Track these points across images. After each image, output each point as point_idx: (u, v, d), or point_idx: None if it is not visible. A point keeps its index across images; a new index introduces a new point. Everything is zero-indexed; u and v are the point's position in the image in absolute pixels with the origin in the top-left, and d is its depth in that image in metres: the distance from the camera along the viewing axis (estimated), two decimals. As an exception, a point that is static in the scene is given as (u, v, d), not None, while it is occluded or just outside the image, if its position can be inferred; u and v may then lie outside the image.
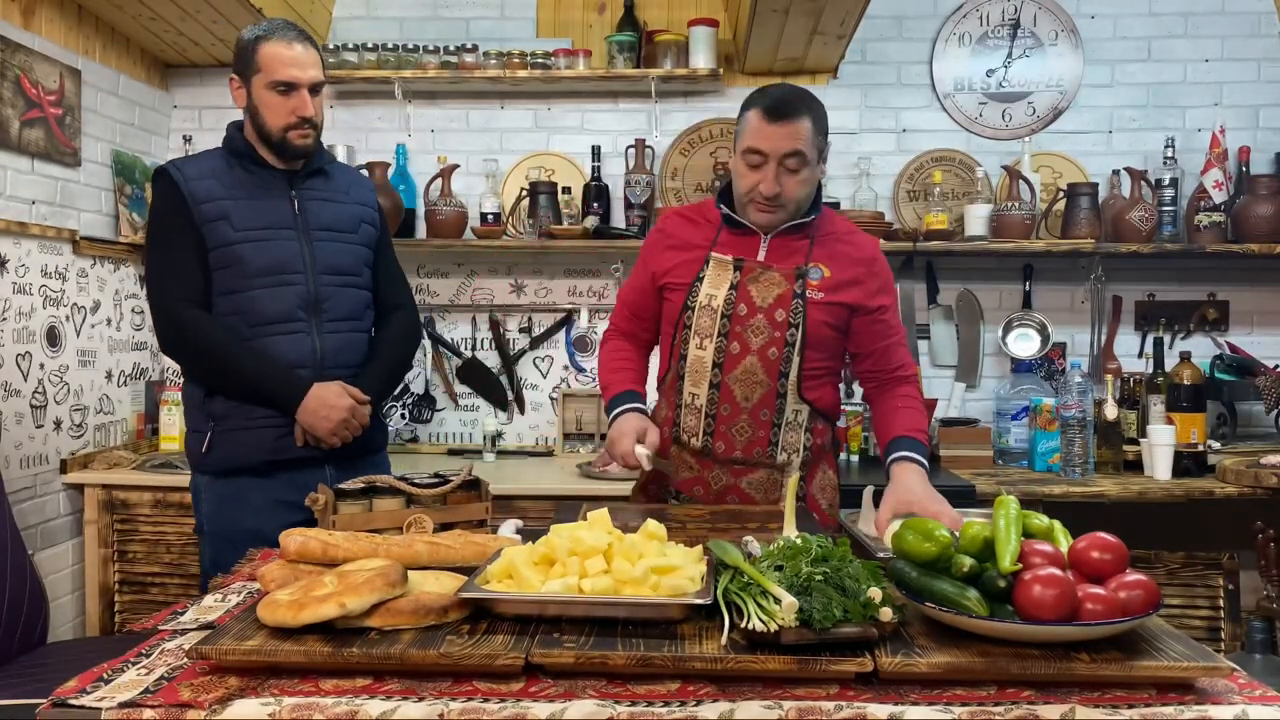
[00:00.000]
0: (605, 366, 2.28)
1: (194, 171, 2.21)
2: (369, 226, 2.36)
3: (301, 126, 2.19)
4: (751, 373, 2.09)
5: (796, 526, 1.73)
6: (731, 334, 2.09)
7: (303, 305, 2.20)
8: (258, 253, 2.18)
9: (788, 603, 1.20)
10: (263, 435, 2.18)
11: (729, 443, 2.13)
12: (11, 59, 2.79)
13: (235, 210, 2.18)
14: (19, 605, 2.50)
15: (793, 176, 2.03)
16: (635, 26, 3.54)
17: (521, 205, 3.51)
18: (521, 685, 1.18)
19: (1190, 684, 1.18)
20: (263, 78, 2.17)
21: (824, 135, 2.06)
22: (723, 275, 2.12)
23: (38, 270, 2.94)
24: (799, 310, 2.07)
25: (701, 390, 2.13)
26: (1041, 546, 1.31)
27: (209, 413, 2.20)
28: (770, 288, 2.09)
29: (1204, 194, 3.38)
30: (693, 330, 2.13)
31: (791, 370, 2.09)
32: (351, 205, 2.33)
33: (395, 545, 1.53)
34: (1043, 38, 3.60)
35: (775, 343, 2.08)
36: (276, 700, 1.14)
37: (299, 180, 2.26)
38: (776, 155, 2.01)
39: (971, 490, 2.95)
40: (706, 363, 2.12)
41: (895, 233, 3.43)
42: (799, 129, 2.00)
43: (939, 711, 1.12)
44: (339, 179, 2.35)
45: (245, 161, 2.24)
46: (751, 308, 2.09)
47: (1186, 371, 3.23)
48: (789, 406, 2.11)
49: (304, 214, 2.25)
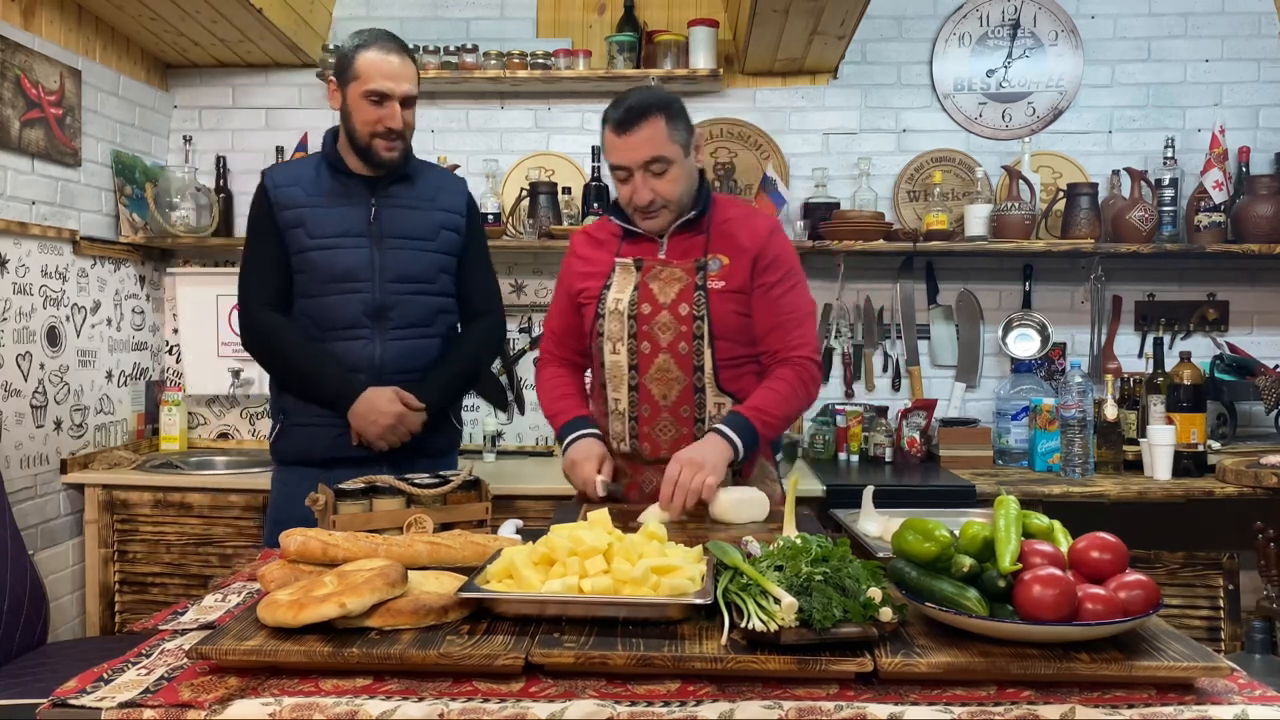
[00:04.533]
0: (547, 395, 2.27)
1: (283, 178, 2.31)
2: (451, 233, 2.38)
3: (389, 137, 2.24)
4: (665, 370, 2.10)
5: (796, 527, 1.74)
6: (640, 334, 2.11)
7: (367, 312, 2.27)
8: (328, 260, 2.26)
9: (788, 603, 1.20)
10: (320, 433, 2.29)
11: (654, 443, 2.14)
12: (11, 59, 2.79)
13: (312, 218, 2.27)
14: (19, 605, 2.50)
15: (661, 179, 2.05)
16: (635, 27, 3.54)
17: (521, 205, 3.51)
18: (521, 685, 1.18)
19: (1190, 684, 1.18)
20: (358, 85, 2.23)
21: (685, 128, 2.07)
22: (626, 279, 2.15)
23: (38, 270, 2.94)
24: (701, 302, 2.09)
25: (622, 394, 2.14)
26: (1041, 546, 1.31)
27: (280, 407, 2.35)
28: (671, 284, 2.11)
29: (1204, 194, 3.38)
30: (605, 336, 2.15)
31: (705, 363, 2.10)
32: (434, 212, 2.36)
33: (395, 545, 1.53)
34: (1043, 38, 3.60)
35: (684, 337, 2.09)
36: (276, 700, 1.14)
37: (381, 187, 2.31)
38: (637, 165, 2.03)
39: (971, 490, 2.95)
40: (622, 366, 2.13)
41: (895, 233, 3.43)
42: (650, 134, 2.01)
43: (939, 711, 1.12)
44: (426, 185, 2.38)
45: (333, 169, 2.31)
46: (655, 306, 2.11)
47: (1186, 371, 3.23)
48: (709, 400, 2.11)
49: (379, 221, 2.30)
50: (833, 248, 3.34)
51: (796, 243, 3.42)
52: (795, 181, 3.62)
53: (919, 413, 3.40)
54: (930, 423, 3.42)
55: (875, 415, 3.46)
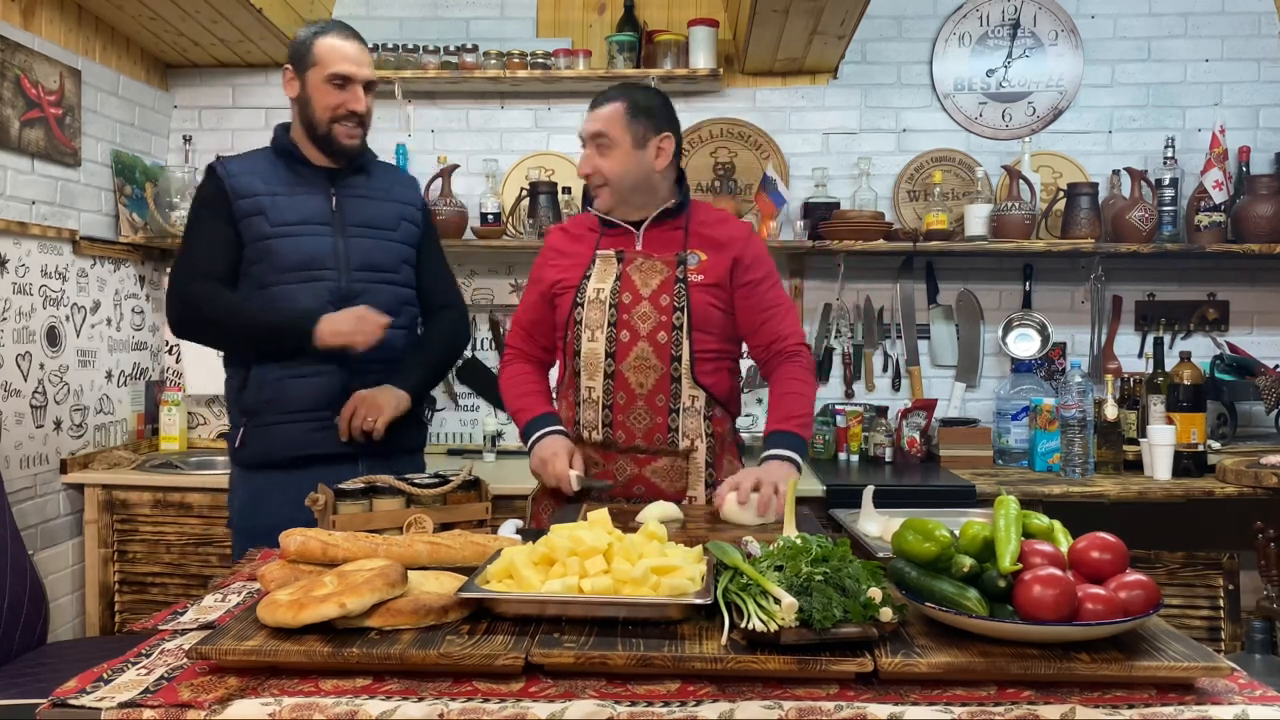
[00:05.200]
0: (511, 392, 2.29)
1: (238, 168, 2.27)
2: (410, 225, 2.38)
3: (350, 121, 2.23)
4: (644, 359, 2.14)
5: (796, 527, 1.74)
6: (620, 322, 2.15)
7: (334, 301, 2.22)
8: (290, 248, 2.22)
9: (788, 603, 1.20)
10: (292, 430, 2.21)
11: (629, 431, 2.16)
12: (11, 59, 2.79)
13: (272, 205, 2.23)
14: (19, 605, 2.50)
15: (603, 158, 2.15)
16: (635, 26, 3.54)
17: (521, 205, 3.51)
18: (521, 685, 1.17)
19: (1190, 684, 1.18)
20: (319, 70, 2.22)
21: (646, 121, 2.15)
22: (608, 269, 2.20)
23: (38, 270, 2.94)
24: (682, 294, 2.14)
25: (597, 382, 2.17)
26: (1041, 546, 1.31)
27: (242, 407, 2.24)
28: (652, 274, 2.17)
29: (1204, 194, 3.38)
30: (584, 325, 2.18)
31: (684, 353, 2.14)
32: (392, 203, 2.36)
33: (395, 545, 1.53)
34: (1043, 38, 3.60)
35: (663, 326, 2.14)
36: (276, 700, 1.14)
37: (340, 178, 2.30)
38: (586, 135, 2.18)
39: (971, 490, 2.95)
40: (599, 353, 2.16)
41: (895, 233, 3.43)
42: (607, 114, 2.15)
43: (939, 711, 1.12)
44: (381, 177, 2.38)
45: (289, 160, 2.28)
46: (636, 295, 2.15)
47: (1186, 371, 3.22)
48: (684, 391, 2.15)
49: (341, 210, 2.28)
50: (833, 247, 3.34)
51: (796, 242, 3.43)
52: (795, 181, 3.61)
53: (919, 413, 3.40)
54: (930, 423, 3.42)
55: (875, 415, 3.46)
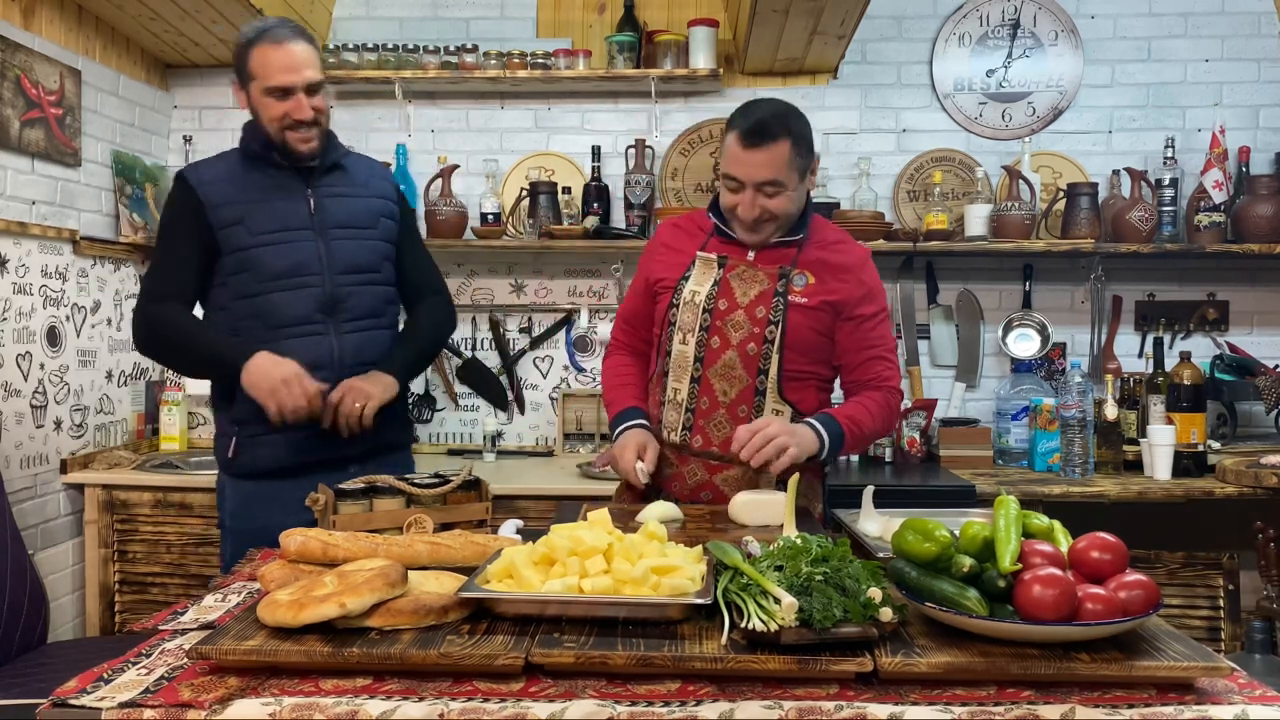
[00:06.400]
0: (608, 384, 2.31)
1: (209, 175, 2.20)
2: (388, 220, 2.33)
3: (298, 129, 2.16)
4: (731, 367, 2.11)
5: (796, 526, 1.74)
6: (712, 328, 2.12)
7: (320, 306, 2.18)
8: (275, 256, 2.16)
9: (788, 603, 1.20)
10: (284, 441, 2.16)
11: (706, 437, 2.14)
12: (11, 59, 2.79)
13: (250, 214, 2.16)
14: (19, 605, 2.50)
15: (771, 200, 2.04)
16: (635, 27, 3.54)
17: (521, 205, 3.51)
18: (521, 685, 1.17)
19: (1190, 684, 1.18)
20: (258, 84, 2.15)
21: (808, 154, 2.06)
22: (707, 273, 2.15)
23: (38, 270, 2.94)
24: (779, 309, 2.09)
25: (683, 385, 2.15)
26: (1041, 546, 1.31)
27: (232, 418, 2.20)
28: (752, 285, 2.12)
29: (1204, 194, 3.38)
30: (677, 326, 2.15)
31: (771, 367, 2.10)
32: (370, 199, 2.30)
33: (395, 545, 1.53)
34: (1043, 38, 3.60)
35: (754, 338, 2.10)
36: (276, 700, 1.14)
37: (315, 177, 2.24)
38: (752, 183, 2.02)
39: (971, 490, 2.95)
40: (688, 357, 2.14)
41: (895, 233, 3.43)
42: (775, 155, 1.99)
43: (939, 711, 1.12)
44: (356, 171, 2.32)
45: (260, 163, 2.22)
46: (732, 303, 2.11)
47: (1186, 371, 3.22)
48: (768, 405, 2.12)
49: (320, 212, 2.22)
50: (833, 248, 3.34)
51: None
52: (795, 181, 3.61)
53: (919, 413, 3.40)
54: (930, 423, 3.42)
55: (875, 415, 3.46)
